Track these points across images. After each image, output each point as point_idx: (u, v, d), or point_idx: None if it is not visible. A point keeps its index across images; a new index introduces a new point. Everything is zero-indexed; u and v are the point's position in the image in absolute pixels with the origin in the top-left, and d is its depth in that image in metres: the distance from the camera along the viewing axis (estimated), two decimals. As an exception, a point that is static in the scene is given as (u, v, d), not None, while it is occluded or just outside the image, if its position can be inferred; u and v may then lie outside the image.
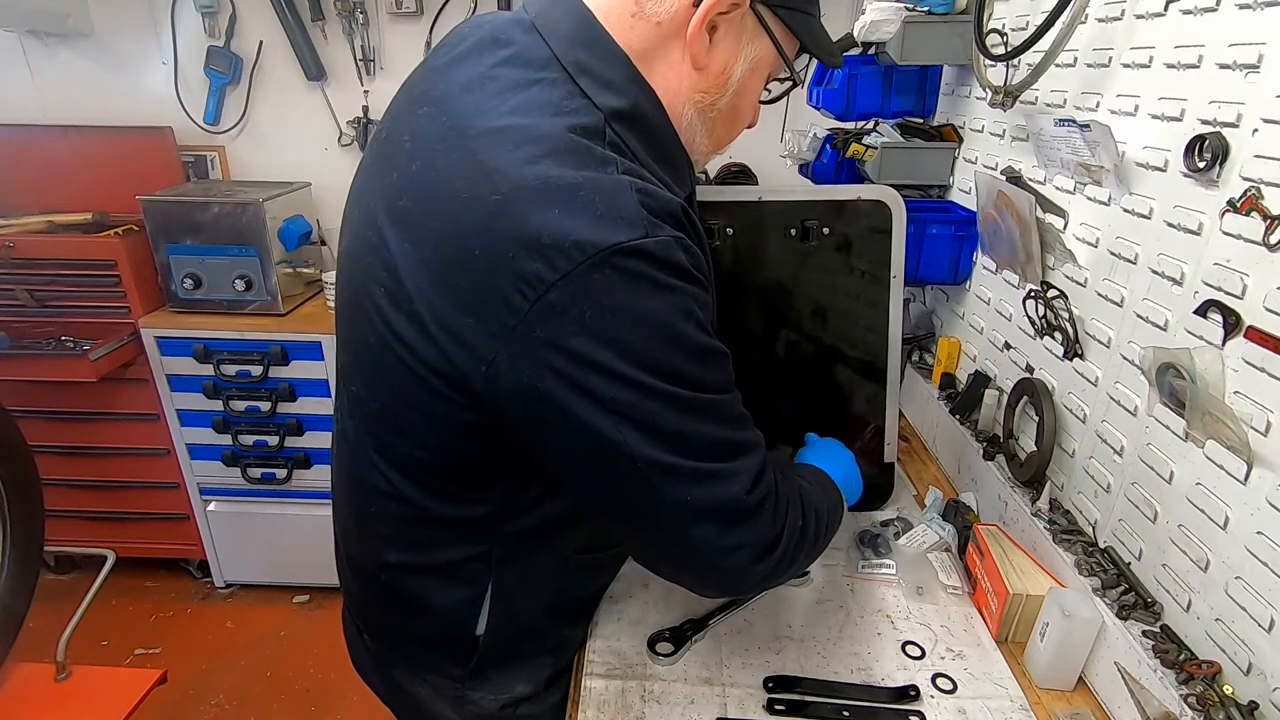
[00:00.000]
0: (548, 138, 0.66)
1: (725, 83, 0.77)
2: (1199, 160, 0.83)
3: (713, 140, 0.82)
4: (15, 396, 2.08)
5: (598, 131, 0.68)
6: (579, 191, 0.63)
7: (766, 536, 0.75)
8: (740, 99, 0.80)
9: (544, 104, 0.69)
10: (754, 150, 2.59)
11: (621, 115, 0.71)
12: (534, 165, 0.64)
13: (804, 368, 1.22)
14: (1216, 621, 0.81)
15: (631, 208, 0.64)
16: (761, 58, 0.77)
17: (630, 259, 0.63)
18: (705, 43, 0.73)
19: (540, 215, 0.62)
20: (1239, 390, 0.79)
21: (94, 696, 1.50)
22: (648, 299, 0.64)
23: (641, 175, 0.68)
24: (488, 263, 0.64)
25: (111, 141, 2.37)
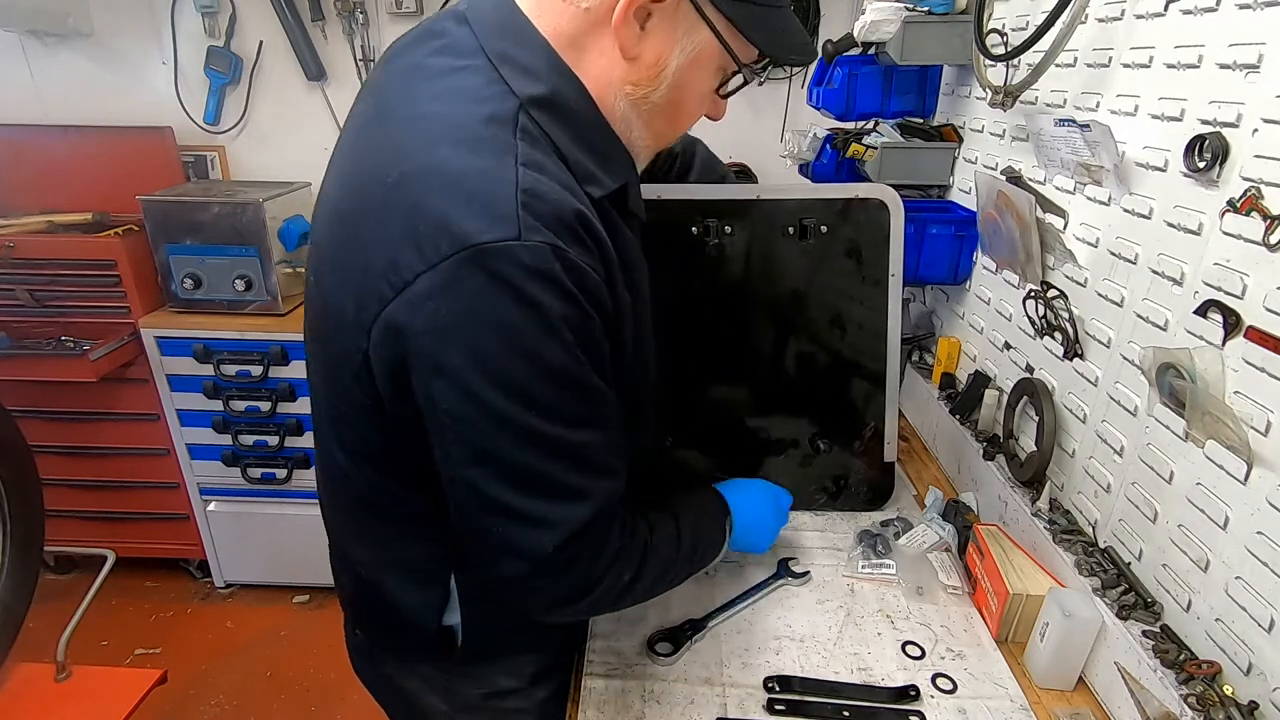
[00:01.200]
0: (455, 124, 0.66)
1: (659, 75, 0.72)
2: (1199, 160, 0.83)
3: (651, 133, 0.78)
4: (15, 396, 2.08)
5: (508, 119, 0.67)
6: (464, 181, 0.63)
7: (573, 589, 0.74)
8: (680, 93, 0.75)
9: (462, 91, 0.68)
10: (754, 150, 2.59)
11: (540, 102, 0.68)
12: (433, 150, 0.65)
13: (803, 368, 1.22)
14: (1216, 621, 0.81)
15: (509, 207, 0.61)
16: (702, 50, 0.72)
17: (497, 260, 0.60)
18: (635, 31, 0.69)
19: (424, 201, 0.63)
20: (1239, 390, 0.79)
21: (94, 696, 1.50)
22: (507, 306, 0.61)
23: (545, 170, 0.65)
24: (372, 247, 0.65)
25: (111, 141, 2.37)
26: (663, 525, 0.87)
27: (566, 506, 0.69)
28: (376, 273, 0.64)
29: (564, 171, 0.69)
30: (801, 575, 1.13)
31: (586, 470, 0.70)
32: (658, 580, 0.86)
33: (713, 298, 1.18)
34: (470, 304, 0.61)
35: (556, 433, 0.66)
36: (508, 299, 0.61)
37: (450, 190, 0.63)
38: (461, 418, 0.64)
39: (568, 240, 0.64)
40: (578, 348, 0.65)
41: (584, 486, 0.70)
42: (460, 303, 0.61)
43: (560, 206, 0.64)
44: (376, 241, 0.65)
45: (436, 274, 0.61)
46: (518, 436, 0.65)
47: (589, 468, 0.70)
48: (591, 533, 0.71)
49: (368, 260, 0.65)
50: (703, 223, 1.13)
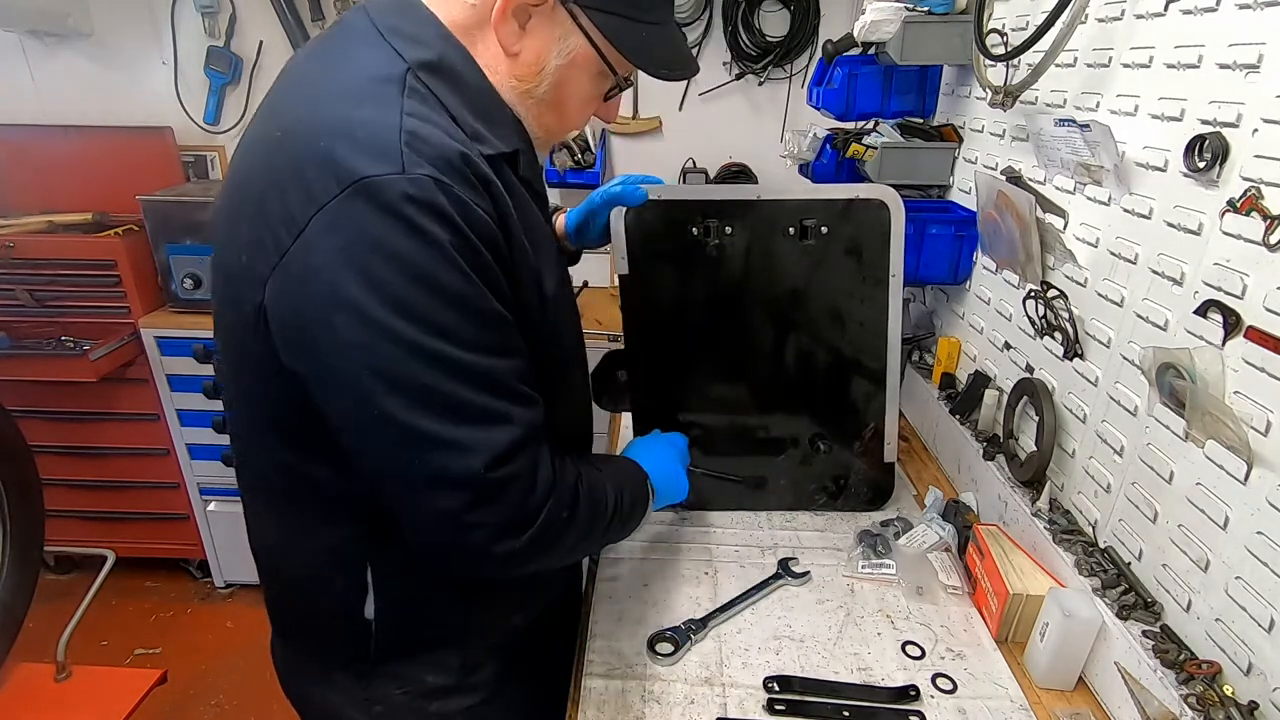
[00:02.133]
0: (341, 85, 0.70)
1: (539, 73, 0.76)
2: (1199, 160, 0.83)
3: (541, 126, 0.81)
4: (15, 396, 2.08)
5: (396, 79, 0.69)
6: (349, 127, 0.66)
7: (513, 518, 0.72)
8: (562, 92, 0.79)
9: (351, 60, 0.72)
10: (754, 150, 2.59)
11: (429, 66, 0.71)
12: (319, 106, 0.68)
13: (804, 368, 1.23)
14: (1216, 621, 0.81)
15: (393, 144, 0.64)
16: (579, 54, 0.76)
17: (383, 191, 0.63)
18: (514, 29, 0.73)
19: (310, 148, 0.65)
20: (1239, 390, 0.79)
21: (94, 696, 1.50)
22: (398, 237, 0.63)
23: (431, 121, 0.68)
24: (262, 197, 0.67)
25: (111, 141, 2.37)
26: (590, 470, 0.86)
27: (488, 430, 0.69)
28: (269, 222, 0.66)
29: (452, 126, 0.70)
30: (801, 575, 1.13)
31: (502, 395, 0.70)
32: (593, 525, 0.84)
33: (713, 298, 1.18)
34: (362, 235, 0.63)
35: (467, 357, 0.67)
36: (398, 228, 0.63)
37: (335, 134, 0.65)
38: (369, 348, 0.64)
39: (452, 176, 0.66)
40: (474, 273, 0.67)
41: (503, 410, 0.70)
42: (353, 235, 0.63)
43: (443, 147, 0.67)
44: (265, 193, 0.67)
45: (327, 212, 0.63)
46: (428, 361, 0.65)
47: (505, 392, 0.71)
48: (520, 457, 0.71)
49: (258, 212, 0.67)
50: (703, 223, 1.13)
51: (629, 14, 0.76)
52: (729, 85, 2.55)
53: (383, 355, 0.65)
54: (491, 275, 0.69)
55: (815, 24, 2.45)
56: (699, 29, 2.49)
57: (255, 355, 0.72)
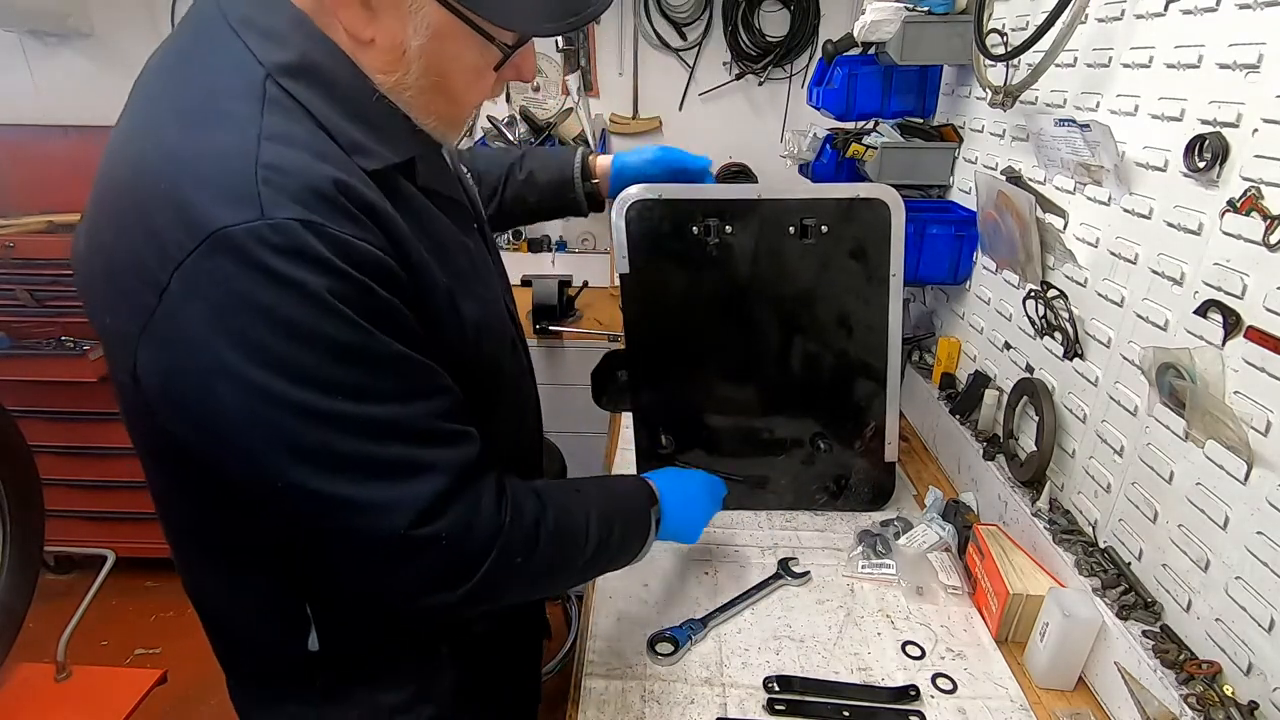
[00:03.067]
0: (189, 101, 0.60)
1: (402, 58, 0.64)
2: (1199, 160, 0.83)
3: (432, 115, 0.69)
4: (15, 396, 2.08)
5: (251, 91, 0.59)
6: (196, 163, 0.56)
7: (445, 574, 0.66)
8: (442, 75, 0.66)
9: (200, 66, 0.62)
10: (754, 150, 2.60)
11: (289, 70, 0.61)
12: (163, 132, 0.59)
13: (804, 368, 1.22)
14: (1216, 621, 0.81)
15: (246, 184, 0.55)
16: (440, 25, 0.63)
17: (244, 243, 0.54)
18: (359, 13, 0.61)
19: (156, 190, 0.56)
20: (1239, 390, 0.79)
21: (94, 696, 1.50)
22: (267, 292, 0.55)
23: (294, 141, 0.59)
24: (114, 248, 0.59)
25: (111, 141, 2.37)
26: (562, 503, 0.78)
27: (407, 484, 0.62)
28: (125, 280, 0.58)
29: (326, 141, 0.61)
30: (801, 575, 1.13)
31: (419, 441, 0.63)
32: (562, 564, 0.77)
33: (714, 298, 1.18)
34: (228, 295, 0.55)
35: (368, 411, 0.60)
36: (266, 283, 0.55)
37: (182, 173, 0.56)
38: (259, 418, 0.57)
39: (323, 212, 0.57)
40: (364, 320, 0.59)
41: (422, 459, 0.63)
42: (218, 296, 0.55)
43: (309, 177, 0.57)
44: (116, 244, 0.58)
45: (186, 269, 0.54)
46: (325, 422, 0.58)
47: (422, 437, 0.63)
48: (452, 507, 0.64)
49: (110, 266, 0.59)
50: (704, 222, 1.13)
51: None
52: (729, 85, 2.55)
53: (276, 423, 0.58)
54: (387, 313, 0.61)
55: (815, 24, 2.45)
56: (699, 29, 2.50)
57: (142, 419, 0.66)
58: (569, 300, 2.50)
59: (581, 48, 2.50)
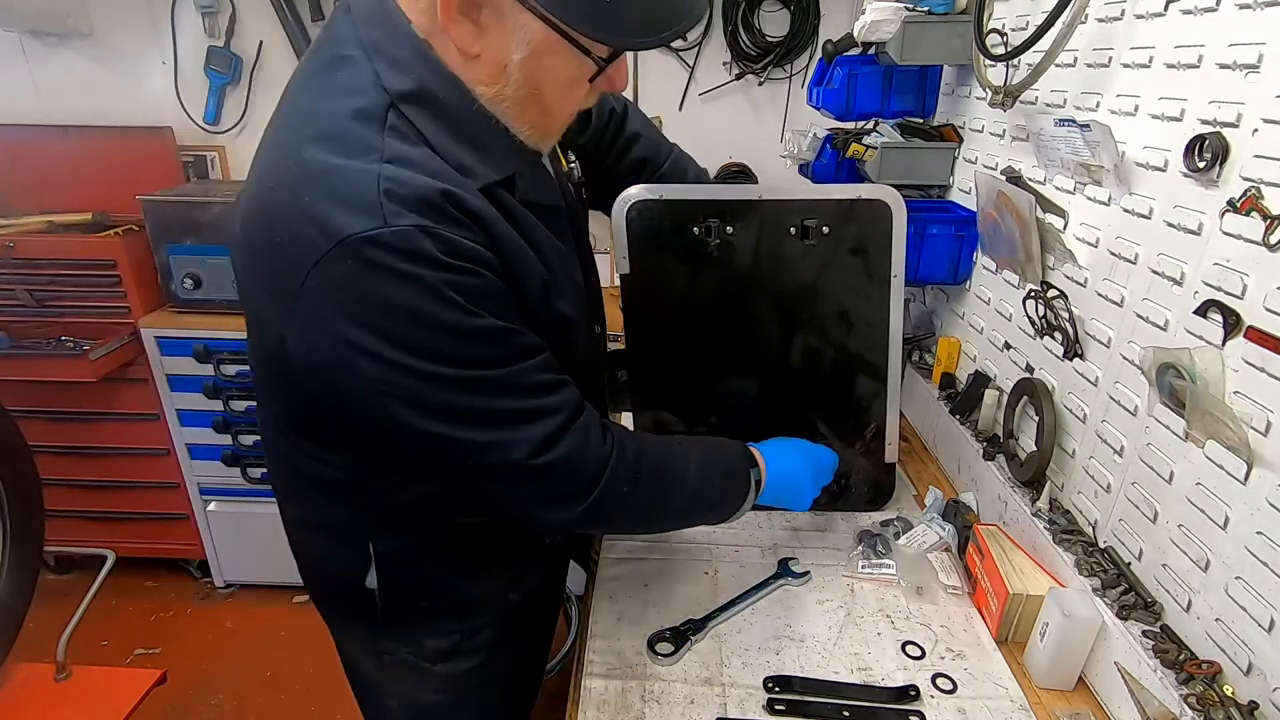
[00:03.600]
0: (325, 121, 0.70)
1: (504, 71, 0.70)
2: (1199, 160, 0.83)
3: (527, 126, 0.76)
4: (15, 396, 2.08)
5: (376, 115, 0.69)
6: (329, 179, 0.67)
7: (562, 493, 0.79)
8: (537, 86, 0.72)
9: (339, 86, 0.71)
10: (754, 150, 2.59)
11: (408, 97, 0.70)
12: (304, 149, 0.69)
13: (805, 368, 1.22)
14: (1216, 621, 0.81)
15: (372, 197, 0.65)
16: (540, 40, 0.68)
17: (369, 248, 0.65)
18: (469, 29, 0.68)
19: (297, 201, 0.67)
20: (1239, 390, 0.79)
21: (94, 696, 1.50)
22: (390, 287, 0.66)
23: (411, 162, 0.68)
24: (268, 244, 0.70)
25: (111, 141, 2.37)
26: (660, 447, 0.90)
27: (527, 427, 0.74)
28: (276, 269, 0.70)
29: (438, 163, 0.70)
30: (801, 575, 1.13)
31: (533, 393, 0.75)
32: (663, 501, 0.89)
33: (714, 298, 1.18)
34: (358, 291, 0.66)
35: (485, 374, 0.71)
36: (389, 280, 0.66)
37: (317, 188, 0.67)
38: (393, 383, 0.69)
39: (435, 218, 0.67)
40: (471, 305, 0.69)
41: (537, 406, 0.75)
42: (349, 292, 0.66)
43: (424, 189, 0.67)
44: (269, 239, 0.70)
45: (321, 268, 0.65)
46: (450, 385, 0.70)
47: (534, 389, 0.75)
48: (563, 441, 0.76)
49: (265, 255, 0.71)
50: (704, 223, 1.13)
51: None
52: (729, 85, 2.55)
53: (408, 387, 0.69)
54: (490, 295, 0.71)
55: (815, 24, 2.45)
56: (699, 29, 2.49)
57: (281, 372, 0.78)
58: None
59: (581, 48, 2.50)
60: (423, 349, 0.68)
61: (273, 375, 0.82)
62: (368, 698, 1.06)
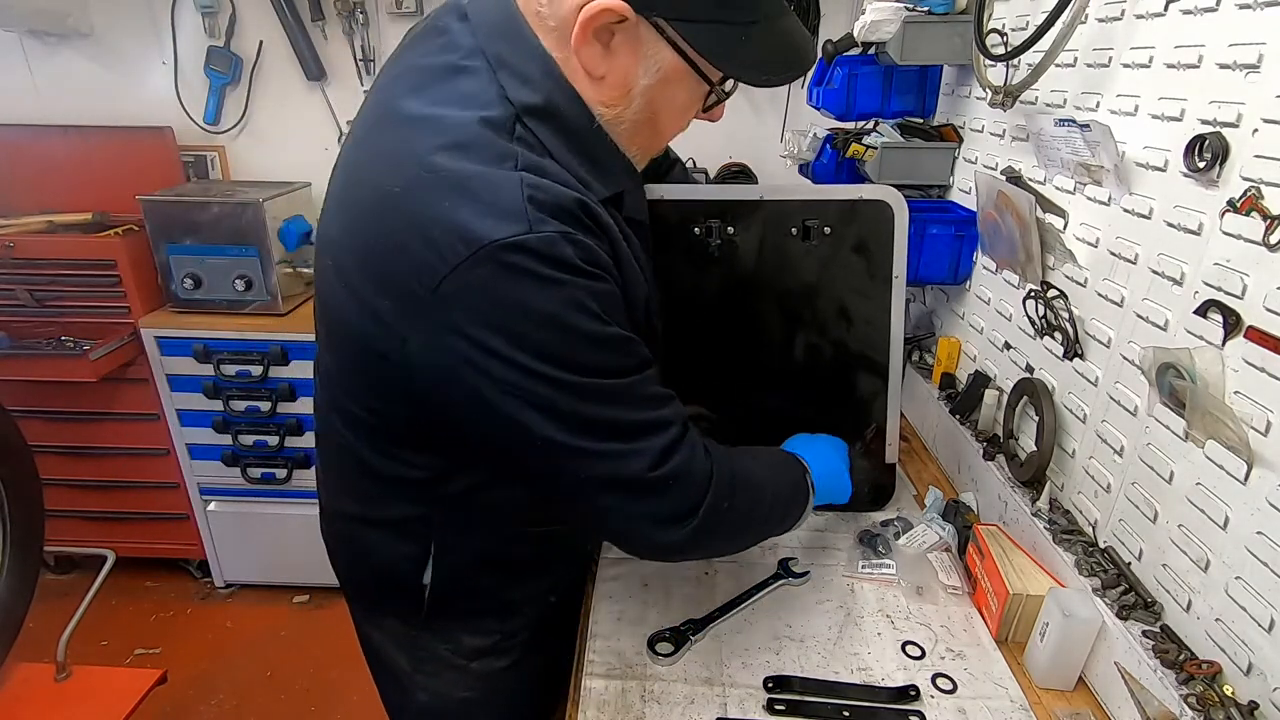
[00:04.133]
0: (455, 129, 0.69)
1: (627, 94, 0.73)
2: (1199, 160, 0.83)
3: (636, 146, 0.80)
4: (15, 396, 2.08)
5: (506, 126, 0.69)
6: (469, 185, 0.66)
7: (676, 509, 0.78)
8: (654, 110, 0.76)
9: (461, 95, 0.71)
10: (754, 150, 2.59)
11: (534, 111, 0.71)
12: (434, 156, 0.67)
13: (805, 367, 1.22)
14: (1216, 621, 0.81)
15: (517, 203, 0.65)
16: (670, 69, 0.72)
17: (513, 254, 0.64)
18: (598, 52, 0.70)
19: (432, 207, 0.66)
20: (1239, 390, 0.79)
21: (94, 696, 1.50)
22: (532, 292, 0.66)
23: (545, 171, 0.69)
24: (392, 249, 0.68)
25: (111, 141, 2.37)
26: (744, 461, 0.89)
27: (648, 439, 0.74)
28: (398, 278, 0.68)
29: (564, 174, 0.71)
30: (801, 575, 1.13)
31: (651, 405, 0.76)
32: (751, 514, 0.88)
33: (715, 298, 1.18)
34: (500, 296, 0.65)
35: (612, 383, 0.71)
36: (533, 285, 0.65)
37: (456, 194, 0.66)
38: (525, 389, 0.68)
39: (574, 226, 0.68)
40: (604, 313, 0.70)
41: (656, 418, 0.75)
42: (490, 296, 0.65)
43: (563, 199, 0.68)
44: (393, 247, 0.68)
45: (460, 274, 0.64)
46: (581, 394, 0.70)
47: (652, 401, 0.76)
48: (678, 453, 0.76)
49: (390, 266, 0.69)
50: (705, 223, 1.13)
51: (723, 18, 0.69)
52: (729, 85, 2.54)
53: (540, 394, 0.69)
54: (618, 304, 0.73)
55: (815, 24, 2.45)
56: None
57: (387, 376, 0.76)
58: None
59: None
60: (559, 356, 0.68)
61: (371, 379, 0.79)
62: (395, 690, 1.06)
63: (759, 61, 0.72)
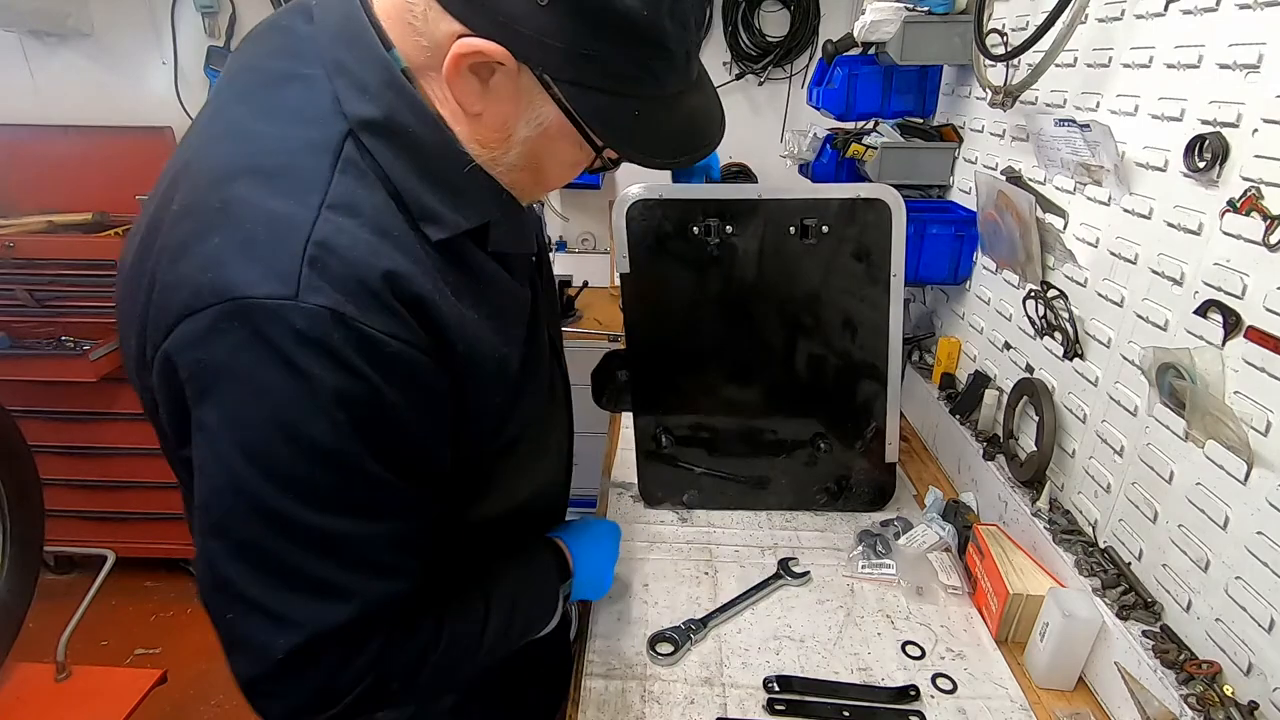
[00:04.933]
0: (263, 150, 0.59)
1: (506, 140, 0.63)
2: (1199, 160, 0.83)
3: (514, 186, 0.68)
4: (15, 396, 2.08)
5: (331, 147, 0.58)
6: (246, 224, 0.55)
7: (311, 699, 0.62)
8: (537, 161, 0.66)
9: (285, 108, 0.60)
10: (754, 150, 2.59)
11: (372, 126, 0.59)
12: (235, 183, 0.57)
13: (805, 367, 1.22)
14: (1216, 621, 0.81)
15: (290, 260, 0.53)
16: (553, 126, 0.62)
17: (263, 319, 0.53)
18: (474, 87, 0.60)
19: (201, 241, 0.55)
20: (1239, 390, 0.79)
21: (94, 696, 1.50)
22: (270, 372, 0.54)
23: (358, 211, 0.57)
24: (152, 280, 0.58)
25: (111, 141, 2.37)
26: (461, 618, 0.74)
27: (318, 605, 0.59)
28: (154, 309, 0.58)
29: (392, 213, 0.59)
30: (801, 575, 1.13)
31: (351, 566, 0.60)
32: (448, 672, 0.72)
33: (714, 297, 1.18)
34: (229, 362, 0.54)
35: (315, 520, 0.57)
36: (271, 364, 0.53)
37: (231, 230, 0.55)
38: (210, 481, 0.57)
39: (362, 306, 0.55)
40: (353, 429, 0.57)
41: (345, 584, 0.60)
42: (219, 358, 0.54)
43: (360, 266, 0.55)
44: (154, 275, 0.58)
45: (198, 320, 0.54)
46: (266, 517, 0.56)
47: (355, 564, 0.61)
48: (342, 639, 0.61)
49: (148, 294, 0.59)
50: (704, 222, 1.13)
51: (615, 89, 0.59)
52: (729, 85, 2.55)
53: (220, 496, 0.57)
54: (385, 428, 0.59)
55: (815, 24, 2.45)
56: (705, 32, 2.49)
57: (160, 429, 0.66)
58: (569, 300, 2.50)
59: (581, 48, 2.50)
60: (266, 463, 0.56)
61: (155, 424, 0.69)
62: None
63: (650, 141, 0.64)
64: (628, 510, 1.30)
